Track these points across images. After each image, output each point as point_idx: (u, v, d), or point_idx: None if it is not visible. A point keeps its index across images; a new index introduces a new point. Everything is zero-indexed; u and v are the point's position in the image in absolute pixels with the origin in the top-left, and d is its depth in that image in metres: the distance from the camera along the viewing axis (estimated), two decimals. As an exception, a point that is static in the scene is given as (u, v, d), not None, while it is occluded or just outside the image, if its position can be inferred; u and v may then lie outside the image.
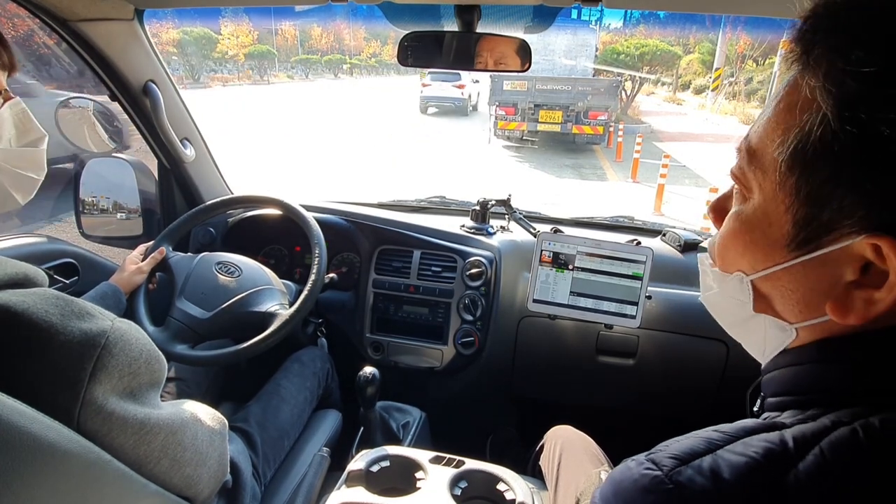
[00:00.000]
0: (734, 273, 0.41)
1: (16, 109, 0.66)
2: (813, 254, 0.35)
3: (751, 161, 0.38)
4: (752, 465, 0.33)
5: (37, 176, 0.68)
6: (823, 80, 0.32)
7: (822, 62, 0.32)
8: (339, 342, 1.43)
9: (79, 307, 0.55)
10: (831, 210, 0.33)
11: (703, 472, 0.33)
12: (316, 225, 1.21)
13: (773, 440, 0.34)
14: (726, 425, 0.37)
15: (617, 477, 0.38)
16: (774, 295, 0.39)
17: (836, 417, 0.34)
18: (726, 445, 0.35)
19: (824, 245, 0.34)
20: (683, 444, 0.36)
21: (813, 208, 0.34)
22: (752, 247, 0.39)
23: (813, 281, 0.36)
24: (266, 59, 27.33)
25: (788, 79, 0.37)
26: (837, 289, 0.35)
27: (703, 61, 19.16)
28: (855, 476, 0.32)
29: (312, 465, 1.07)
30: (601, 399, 1.43)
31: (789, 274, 0.37)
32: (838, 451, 0.32)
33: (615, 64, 13.18)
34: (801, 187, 0.34)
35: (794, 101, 0.35)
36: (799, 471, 0.32)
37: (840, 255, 0.34)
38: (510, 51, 1.04)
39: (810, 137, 0.33)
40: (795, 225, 0.35)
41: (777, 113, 0.36)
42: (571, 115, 8.62)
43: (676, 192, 6.23)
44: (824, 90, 0.32)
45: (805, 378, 0.38)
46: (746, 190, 0.39)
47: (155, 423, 0.60)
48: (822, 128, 0.32)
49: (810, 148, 0.33)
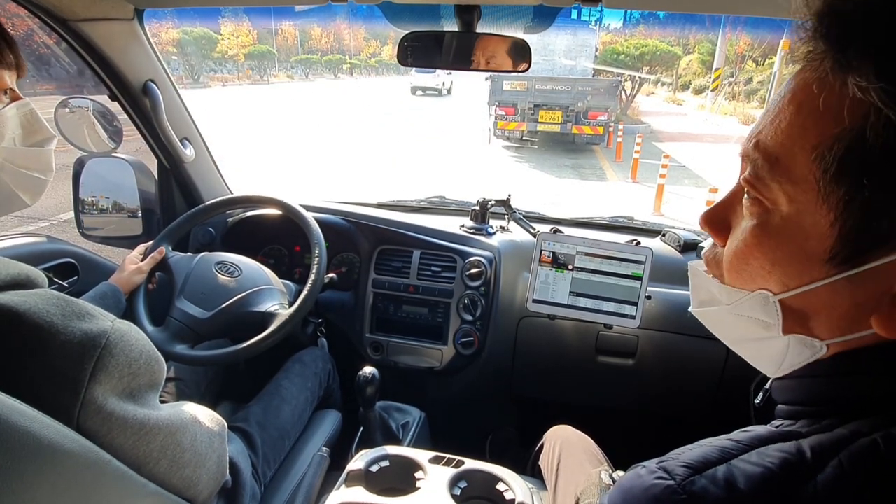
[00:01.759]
0: (756, 291, 0.38)
1: (23, 110, 0.65)
2: (862, 267, 0.32)
3: (773, 169, 0.34)
4: (767, 475, 0.32)
5: (44, 176, 0.68)
6: (877, 79, 0.29)
7: (866, 61, 0.30)
8: (339, 342, 1.43)
9: (79, 308, 0.55)
10: (890, 219, 0.30)
11: (717, 482, 0.32)
12: (316, 225, 1.21)
13: (790, 450, 0.33)
14: (739, 433, 0.37)
15: (626, 485, 0.37)
16: (810, 312, 0.36)
17: (854, 428, 0.33)
18: (741, 455, 0.34)
19: (875, 258, 0.31)
20: (696, 453, 0.35)
21: (867, 219, 0.31)
22: (784, 262, 0.35)
23: (857, 296, 0.33)
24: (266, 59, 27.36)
25: (803, 79, 0.34)
26: (884, 301, 0.32)
27: (703, 61, 19.16)
28: (876, 488, 0.31)
29: (312, 465, 1.07)
30: (601, 399, 1.43)
31: (830, 290, 0.34)
32: (859, 463, 0.31)
33: (615, 64, 13.19)
34: (853, 198, 0.31)
35: (831, 103, 0.31)
36: (817, 482, 0.31)
37: (891, 268, 0.31)
38: (510, 51, 1.04)
39: (866, 142, 0.30)
40: (842, 238, 0.32)
41: (803, 116, 0.33)
42: (571, 115, 8.62)
43: (676, 193, 6.23)
44: (882, 91, 0.29)
45: (821, 390, 0.37)
46: (769, 201, 0.35)
47: (154, 424, 0.60)
48: (886, 132, 0.29)
49: (869, 153, 0.30)
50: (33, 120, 0.67)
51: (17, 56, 0.63)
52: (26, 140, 0.65)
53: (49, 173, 0.69)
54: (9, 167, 0.62)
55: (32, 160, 0.66)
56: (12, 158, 0.63)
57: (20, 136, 0.65)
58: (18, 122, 0.65)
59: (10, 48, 0.62)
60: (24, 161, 0.65)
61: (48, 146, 0.69)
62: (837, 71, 0.31)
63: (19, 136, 0.65)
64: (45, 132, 0.69)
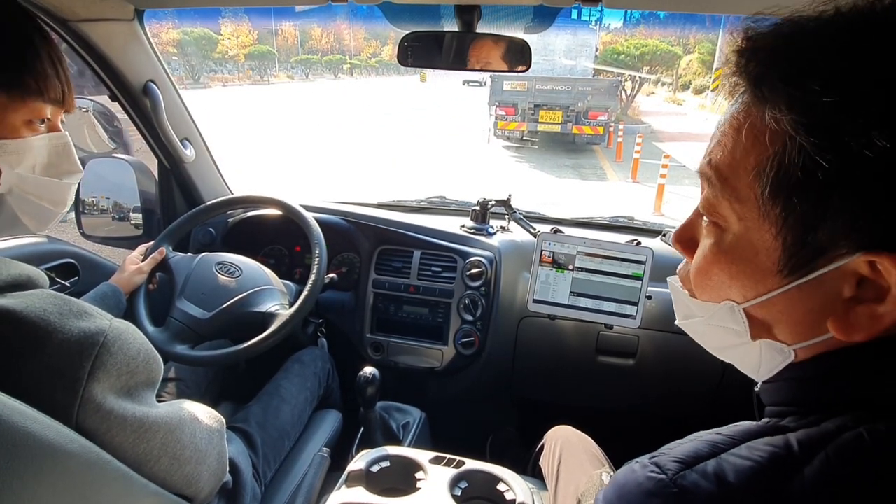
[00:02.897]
0: (722, 303, 0.40)
1: (56, 142, 0.65)
2: (808, 276, 0.35)
3: (724, 189, 0.37)
4: (757, 468, 0.33)
5: (54, 208, 0.67)
6: (789, 111, 0.32)
7: (779, 94, 0.33)
8: (339, 342, 1.43)
9: (77, 306, 0.55)
10: (823, 232, 0.33)
11: (707, 476, 0.33)
12: (316, 225, 1.21)
13: (778, 444, 0.34)
14: (729, 427, 0.37)
15: (621, 480, 0.38)
16: (770, 320, 0.39)
17: (840, 422, 0.34)
18: (730, 449, 0.35)
19: (819, 266, 0.34)
20: (687, 448, 0.36)
21: (803, 233, 0.34)
22: (741, 276, 0.38)
23: (810, 302, 0.36)
24: (266, 59, 27.39)
25: (738, 107, 0.37)
26: (836, 306, 0.35)
27: (703, 61, 19.16)
28: (862, 481, 0.32)
29: (312, 466, 1.07)
30: (601, 399, 1.43)
31: (786, 299, 0.36)
32: (845, 456, 0.32)
33: (615, 64, 13.19)
34: (789, 215, 0.34)
35: (759, 130, 0.34)
36: (805, 476, 0.32)
37: (835, 275, 0.34)
38: (510, 51, 1.04)
39: (790, 167, 0.32)
40: (786, 251, 0.35)
41: (741, 140, 0.36)
42: (571, 115, 8.63)
43: (676, 193, 6.22)
44: (794, 122, 0.32)
45: (805, 392, 0.38)
46: (722, 220, 0.38)
47: (153, 422, 0.60)
48: (801, 157, 0.32)
49: (792, 177, 0.33)
50: (64, 154, 0.67)
51: (65, 93, 0.63)
52: (48, 171, 0.65)
53: (61, 206, 0.68)
54: (17, 192, 0.62)
55: (45, 190, 0.65)
56: (23, 185, 0.62)
57: (42, 166, 0.64)
58: (46, 153, 0.64)
59: (59, 83, 0.62)
60: (36, 189, 0.64)
61: (66, 179, 0.68)
62: (756, 103, 0.35)
63: (42, 165, 0.64)
64: (70, 167, 0.68)
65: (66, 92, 0.64)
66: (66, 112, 0.66)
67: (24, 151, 0.61)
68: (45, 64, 0.60)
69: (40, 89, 0.60)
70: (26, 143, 0.61)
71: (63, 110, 0.66)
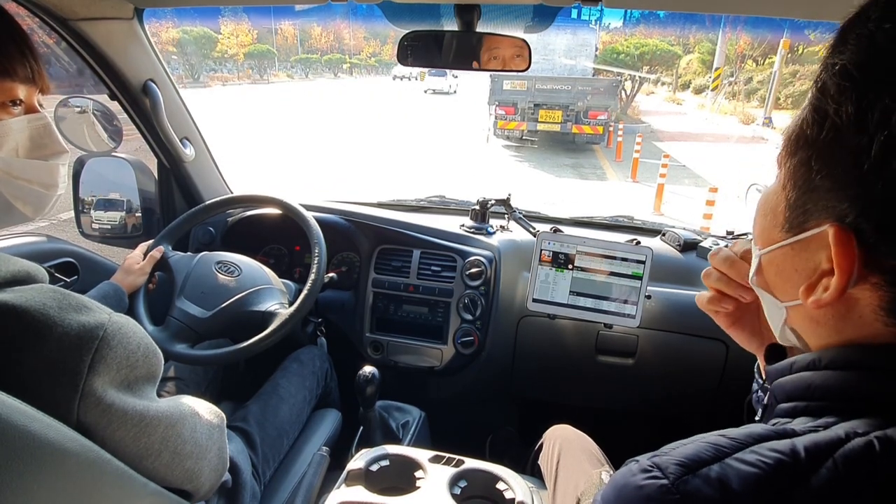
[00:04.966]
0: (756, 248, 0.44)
1: (35, 123, 0.64)
2: (799, 236, 0.37)
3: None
4: (761, 476, 0.32)
5: (46, 191, 0.66)
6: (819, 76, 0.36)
7: (824, 62, 0.36)
8: (339, 341, 1.43)
9: (76, 300, 0.55)
10: (816, 195, 0.35)
11: (710, 482, 0.32)
12: (316, 224, 1.21)
13: (784, 450, 0.32)
14: (734, 430, 0.36)
15: (620, 481, 0.36)
16: (771, 272, 0.42)
17: (850, 428, 0.33)
18: (735, 453, 0.34)
19: (808, 229, 0.36)
20: (689, 449, 0.35)
21: (802, 194, 0.36)
22: (766, 226, 0.42)
23: (798, 263, 0.38)
24: (266, 58, 27.36)
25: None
26: (815, 275, 0.36)
27: (703, 61, 19.14)
28: (869, 492, 0.31)
29: (312, 465, 1.07)
30: (600, 399, 1.43)
31: (782, 254, 0.40)
32: (853, 465, 0.31)
33: (615, 64, 13.19)
34: (795, 172, 0.37)
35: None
36: (811, 484, 0.31)
37: (818, 242, 0.35)
38: (510, 50, 1.04)
39: (802, 124, 0.36)
40: (788, 208, 0.38)
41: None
42: (571, 114, 8.62)
43: (676, 192, 6.23)
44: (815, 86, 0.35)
45: (819, 384, 0.37)
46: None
47: (154, 416, 0.60)
48: (810, 115, 0.35)
49: (802, 135, 0.36)
50: (45, 134, 0.66)
51: (34, 71, 0.62)
52: (32, 153, 0.64)
53: (53, 189, 0.67)
54: (4, 177, 0.61)
55: (33, 173, 0.64)
56: (9, 170, 0.61)
57: (25, 149, 0.63)
58: (27, 135, 0.63)
59: (26, 62, 0.61)
60: (24, 173, 0.63)
61: (54, 160, 0.67)
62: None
63: (24, 147, 0.63)
64: (55, 147, 0.67)
65: (37, 69, 0.62)
66: (41, 93, 0.65)
67: (1, 135, 0.60)
68: (8, 42, 0.59)
69: (6, 69, 0.58)
70: (3, 126, 0.60)
71: (37, 90, 0.64)
